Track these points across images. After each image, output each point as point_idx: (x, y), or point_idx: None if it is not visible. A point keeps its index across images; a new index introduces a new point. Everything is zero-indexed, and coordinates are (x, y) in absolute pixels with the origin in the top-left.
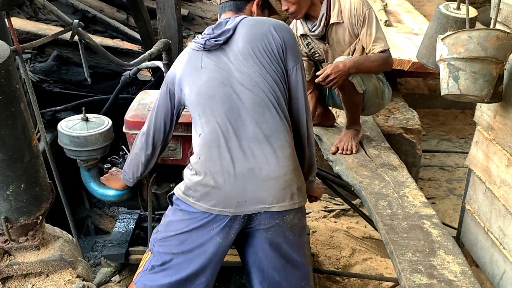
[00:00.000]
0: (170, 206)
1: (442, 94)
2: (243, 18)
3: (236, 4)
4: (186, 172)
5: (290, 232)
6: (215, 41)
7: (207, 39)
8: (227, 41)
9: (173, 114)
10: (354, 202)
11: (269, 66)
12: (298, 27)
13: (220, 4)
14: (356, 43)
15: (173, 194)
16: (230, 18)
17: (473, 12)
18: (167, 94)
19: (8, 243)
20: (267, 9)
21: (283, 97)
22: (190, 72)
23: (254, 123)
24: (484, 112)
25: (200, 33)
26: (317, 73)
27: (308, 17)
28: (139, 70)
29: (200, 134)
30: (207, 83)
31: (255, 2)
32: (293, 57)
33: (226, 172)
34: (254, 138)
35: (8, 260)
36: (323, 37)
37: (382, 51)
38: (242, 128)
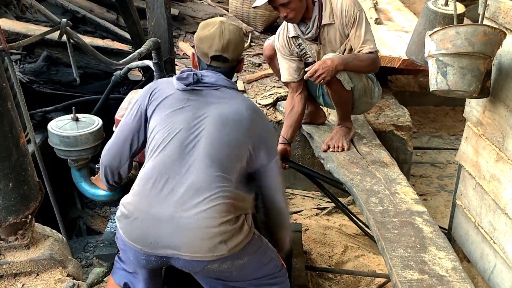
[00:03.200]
0: None
1: (431, 90)
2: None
3: (231, 70)
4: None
5: (225, 276)
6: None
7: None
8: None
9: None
10: (345, 200)
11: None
12: (289, 28)
13: (210, 60)
14: (346, 43)
15: None
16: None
17: (461, 8)
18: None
19: None
20: None
21: (237, 172)
22: (169, 106)
23: (195, 173)
24: (474, 108)
25: (191, 32)
26: (305, 69)
27: (301, 19)
28: (129, 69)
29: (144, 165)
30: (177, 123)
31: (242, 62)
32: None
33: (146, 210)
34: (190, 186)
35: None
36: (316, 38)
37: (370, 52)
38: (183, 175)
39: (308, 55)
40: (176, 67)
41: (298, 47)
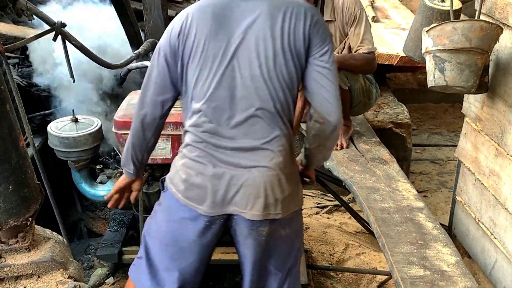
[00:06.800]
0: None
1: (428, 86)
2: None
3: None
4: (176, 157)
5: (270, 244)
6: None
7: None
8: None
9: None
10: (345, 198)
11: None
12: None
13: None
14: (345, 42)
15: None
16: None
17: (457, 4)
18: None
19: None
20: None
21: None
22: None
23: (242, 112)
24: (472, 104)
25: None
26: None
27: None
28: (129, 70)
29: (191, 123)
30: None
31: None
32: None
33: (204, 170)
34: (246, 141)
35: None
36: None
37: (368, 53)
38: (231, 116)
39: None
40: None
41: None
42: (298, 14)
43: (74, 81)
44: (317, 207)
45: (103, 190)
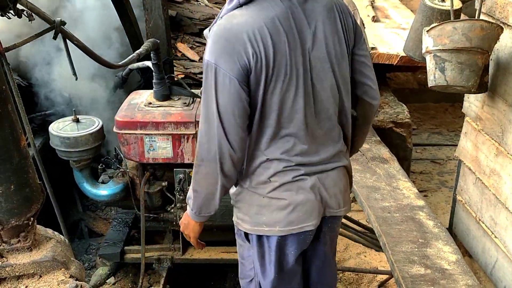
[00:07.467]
0: (247, 244)
1: (429, 85)
2: None
3: None
4: (248, 194)
5: (334, 238)
6: None
7: None
8: None
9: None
10: None
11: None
12: None
13: None
14: None
15: (243, 231)
16: None
17: (457, 4)
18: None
19: (0, 245)
20: None
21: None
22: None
23: (324, 123)
24: (472, 103)
25: (189, 33)
26: None
27: None
28: (131, 70)
29: (286, 150)
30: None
31: None
32: None
33: (303, 184)
34: (325, 142)
35: (0, 262)
36: None
37: None
38: (315, 131)
39: None
40: (174, 68)
41: None
42: (344, 11)
43: (76, 79)
44: None
45: (104, 190)
